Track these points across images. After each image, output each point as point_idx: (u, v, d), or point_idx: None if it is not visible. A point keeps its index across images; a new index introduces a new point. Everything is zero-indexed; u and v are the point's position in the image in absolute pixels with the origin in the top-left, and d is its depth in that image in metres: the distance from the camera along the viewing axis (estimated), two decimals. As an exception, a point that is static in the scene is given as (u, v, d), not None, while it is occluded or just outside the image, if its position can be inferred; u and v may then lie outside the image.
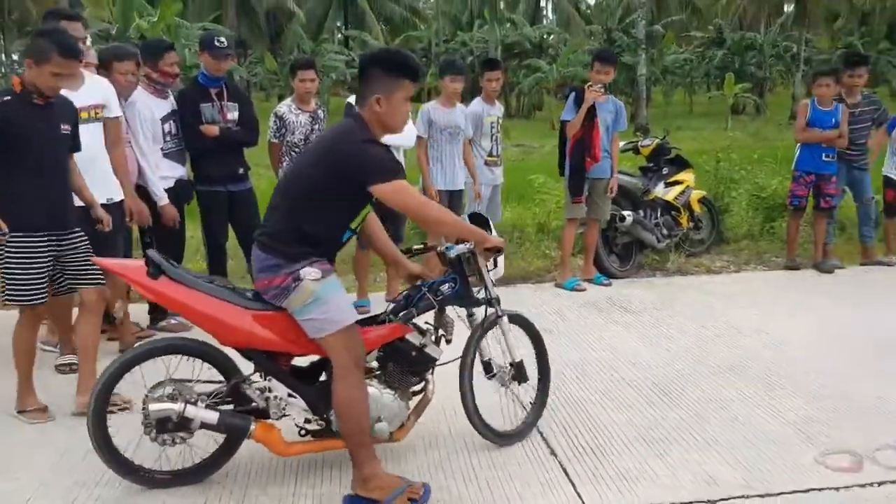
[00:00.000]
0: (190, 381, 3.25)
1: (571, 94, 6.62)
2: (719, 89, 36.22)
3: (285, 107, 5.89)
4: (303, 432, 3.37)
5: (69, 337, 4.54)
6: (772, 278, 6.94)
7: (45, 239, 3.93)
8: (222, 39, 5.49)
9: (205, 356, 3.28)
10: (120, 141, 4.82)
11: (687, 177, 7.54)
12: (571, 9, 43.41)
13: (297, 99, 5.88)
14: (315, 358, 3.39)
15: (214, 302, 3.13)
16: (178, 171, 5.48)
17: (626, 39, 32.70)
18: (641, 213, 7.16)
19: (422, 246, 3.71)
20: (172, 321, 5.42)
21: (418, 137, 6.08)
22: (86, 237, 4.14)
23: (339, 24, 47.34)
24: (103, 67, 4.98)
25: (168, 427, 3.15)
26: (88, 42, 4.96)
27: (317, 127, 5.89)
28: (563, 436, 3.81)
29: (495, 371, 3.63)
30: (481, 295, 3.59)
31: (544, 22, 48.98)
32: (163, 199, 5.22)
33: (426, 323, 3.50)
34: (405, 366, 3.42)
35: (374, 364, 3.41)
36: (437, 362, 3.51)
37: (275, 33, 42.10)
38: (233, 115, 5.53)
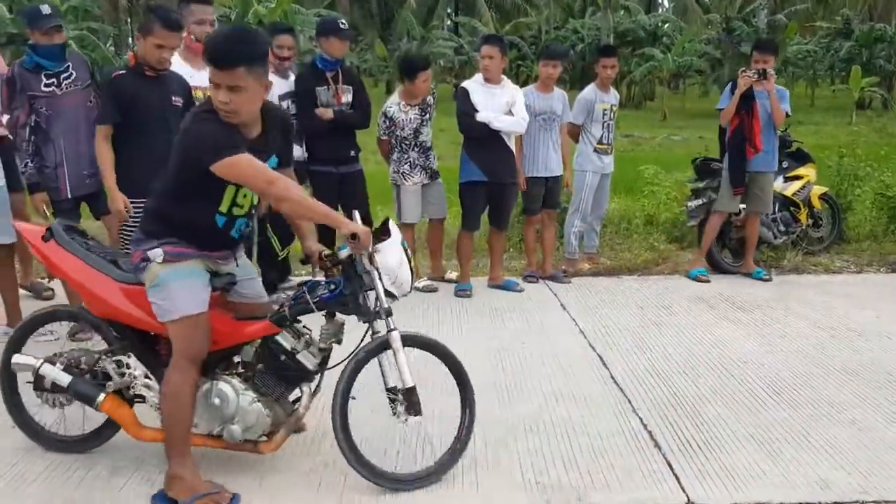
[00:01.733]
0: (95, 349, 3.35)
1: (729, 83, 6.44)
2: (844, 83, 34.42)
3: (394, 106, 5.91)
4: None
5: None
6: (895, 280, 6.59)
7: None
8: (344, 22, 5.68)
9: (90, 324, 3.32)
10: None
11: (808, 172, 7.22)
12: (689, -4, 42.12)
13: (405, 95, 5.94)
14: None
15: (90, 272, 3.14)
16: (294, 151, 5.65)
17: (746, 29, 31.54)
18: (757, 207, 6.90)
19: (330, 252, 3.19)
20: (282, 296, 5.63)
21: None
22: None
23: (449, 11, 47.51)
24: None
25: (42, 385, 3.22)
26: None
27: (426, 116, 5.95)
28: (668, 430, 3.74)
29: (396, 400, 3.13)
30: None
31: (660, 10, 47.75)
32: None
33: (305, 328, 3.15)
34: (274, 370, 3.10)
35: (252, 361, 3.14)
36: (314, 375, 3.15)
37: (385, 20, 42.66)
38: (347, 97, 5.66)
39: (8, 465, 3.32)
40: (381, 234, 3.11)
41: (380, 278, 3.02)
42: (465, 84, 5.98)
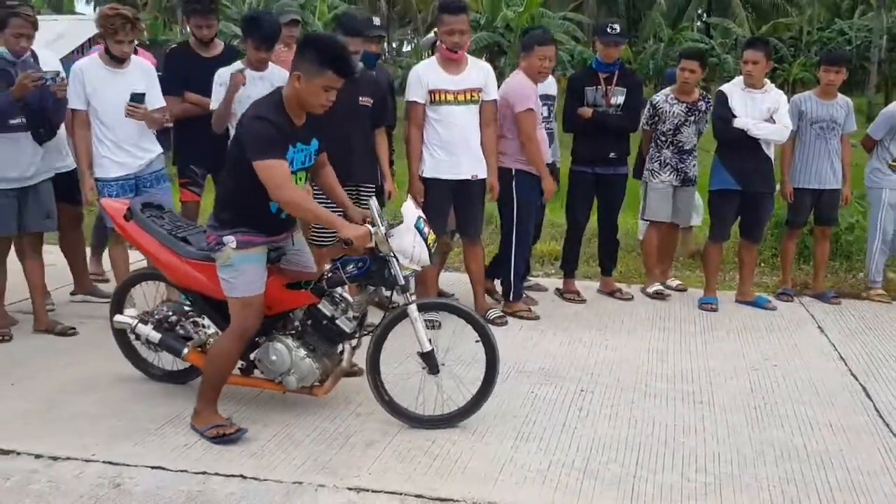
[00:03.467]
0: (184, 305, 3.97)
1: None
2: None
3: (661, 96, 5.90)
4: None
5: None
6: None
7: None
8: (615, 27, 5.71)
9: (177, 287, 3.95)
10: (492, 122, 5.11)
11: None
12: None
13: (677, 89, 5.85)
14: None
15: (161, 248, 3.74)
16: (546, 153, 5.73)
17: None
18: None
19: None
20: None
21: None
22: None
23: (700, 12, 45.68)
24: (526, 49, 5.33)
25: (138, 339, 3.94)
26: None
27: (692, 118, 5.80)
28: (943, 475, 3.37)
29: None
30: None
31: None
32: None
33: (340, 296, 3.64)
34: (317, 332, 3.64)
35: (302, 323, 3.69)
36: (352, 336, 3.66)
37: (633, 21, 41.89)
38: (617, 99, 5.64)
39: (281, 425, 3.69)
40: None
41: (395, 258, 3.51)
42: (724, 88, 5.76)
